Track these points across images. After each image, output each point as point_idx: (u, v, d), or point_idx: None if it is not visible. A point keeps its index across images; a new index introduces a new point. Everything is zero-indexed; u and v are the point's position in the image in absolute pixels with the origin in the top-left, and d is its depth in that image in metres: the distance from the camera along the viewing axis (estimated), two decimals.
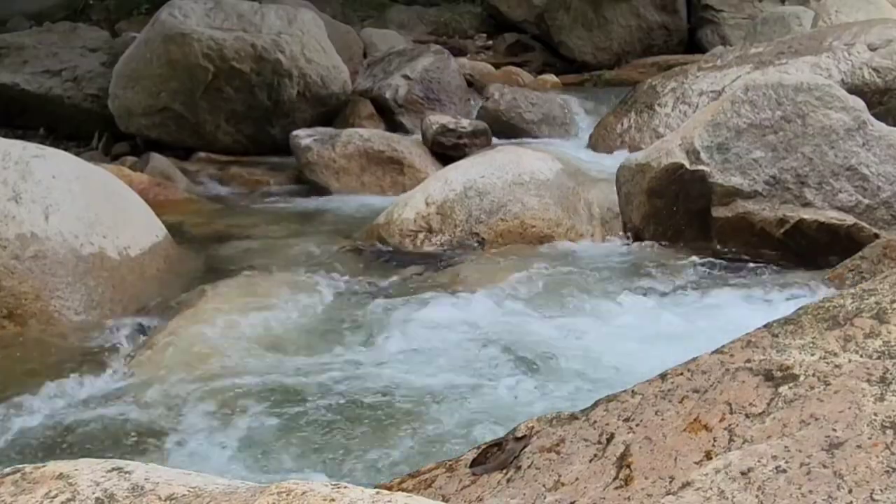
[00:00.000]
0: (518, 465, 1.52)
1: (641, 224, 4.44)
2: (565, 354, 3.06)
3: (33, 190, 3.69)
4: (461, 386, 2.86)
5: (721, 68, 6.51)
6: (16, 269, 3.49)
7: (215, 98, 6.77)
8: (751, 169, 4.13)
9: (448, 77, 7.61)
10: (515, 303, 3.62)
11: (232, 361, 3.13)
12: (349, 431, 2.63)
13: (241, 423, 2.70)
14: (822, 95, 4.16)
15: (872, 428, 1.29)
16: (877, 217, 4.00)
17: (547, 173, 4.74)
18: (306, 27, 6.94)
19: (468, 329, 3.35)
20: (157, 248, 4.09)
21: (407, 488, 1.60)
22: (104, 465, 1.23)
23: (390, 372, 3.00)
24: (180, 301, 3.66)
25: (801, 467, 1.26)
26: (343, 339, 3.32)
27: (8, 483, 1.23)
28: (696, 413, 1.44)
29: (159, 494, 1.16)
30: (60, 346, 3.34)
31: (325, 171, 6.06)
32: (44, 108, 7.51)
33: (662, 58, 9.49)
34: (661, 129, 6.18)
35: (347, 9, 11.13)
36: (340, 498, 1.04)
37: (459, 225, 4.53)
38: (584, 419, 1.56)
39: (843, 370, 1.41)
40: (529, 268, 4.01)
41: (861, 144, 4.07)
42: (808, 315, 1.59)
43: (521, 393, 2.80)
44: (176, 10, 6.68)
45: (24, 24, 10.03)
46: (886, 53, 6.02)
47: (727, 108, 4.26)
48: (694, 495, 1.27)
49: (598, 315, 3.45)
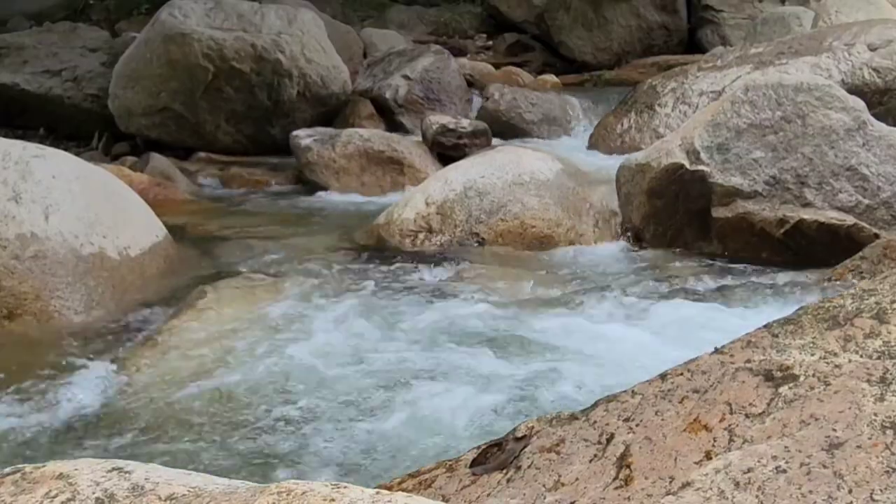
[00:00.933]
0: (518, 466, 1.52)
1: (641, 224, 4.44)
2: (565, 354, 3.06)
3: (33, 190, 3.69)
4: (460, 385, 2.86)
5: (721, 68, 6.51)
6: (16, 268, 3.49)
7: (215, 98, 6.77)
8: (751, 169, 4.13)
9: (448, 77, 7.62)
10: (515, 302, 3.62)
11: (232, 361, 3.13)
12: (348, 431, 2.63)
13: (240, 423, 2.70)
14: (823, 96, 4.16)
15: (872, 428, 1.29)
16: (877, 217, 4.00)
17: (547, 173, 4.74)
18: (306, 27, 6.94)
19: (467, 328, 3.35)
20: (157, 249, 4.09)
21: (407, 488, 1.60)
22: (104, 465, 1.24)
23: (391, 371, 3.00)
24: (180, 301, 3.66)
25: (801, 467, 1.26)
26: (342, 339, 3.32)
27: (8, 483, 1.23)
28: (696, 413, 1.44)
29: (159, 494, 1.16)
30: (60, 345, 3.34)
31: (325, 171, 6.06)
32: (44, 108, 7.51)
33: (662, 58, 9.49)
34: (661, 130, 6.18)
35: (347, 9, 11.13)
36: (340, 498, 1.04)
37: (459, 225, 4.53)
38: (584, 419, 1.56)
39: (843, 370, 1.41)
40: (529, 268, 4.02)
41: (861, 145, 4.07)
42: (808, 315, 1.59)
43: (521, 392, 2.80)
44: (176, 10, 6.68)
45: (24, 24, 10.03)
46: (886, 53, 6.02)
47: (727, 109, 4.26)
48: (694, 495, 1.27)
49: (598, 315, 3.45)
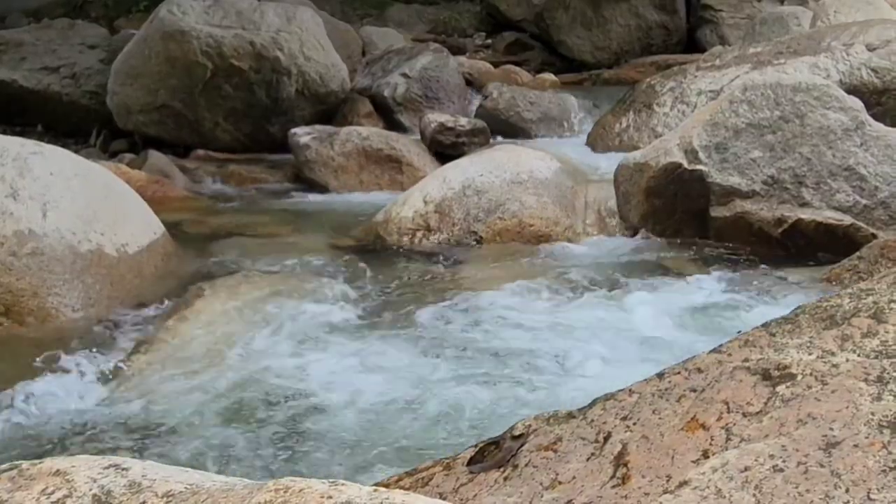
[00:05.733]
0: (515, 464, 1.52)
1: (640, 223, 4.44)
2: (563, 353, 3.06)
3: (31, 187, 3.68)
4: (459, 384, 2.86)
5: (720, 68, 6.51)
6: (13, 265, 3.48)
7: (214, 95, 6.76)
8: (749, 169, 4.13)
9: (447, 76, 7.61)
10: (512, 301, 3.62)
11: (229, 360, 3.13)
12: (348, 430, 2.63)
13: (237, 422, 2.70)
14: (821, 95, 4.16)
15: (870, 427, 1.29)
16: (874, 217, 4.01)
17: (545, 172, 4.74)
18: (305, 25, 6.93)
19: (465, 327, 3.35)
20: (156, 246, 4.09)
21: (404, 486, 1.59)
22: (101, 462, 1.23)
23: (389, 370, 3.00)
24: (178, 299, 3.65)
25: (798, 466, 1.26)
26: (341, 339, 3.32)
27: (5, 479, 1.23)
28: (693, 412, 1.44)
29: (157, 491, 1.15)
30: (58, 343, 3.33)
31: (324, 169, 6.06)
32: (42, 105, 7.50)
33: (661, 57, 9.49)
34: (659, 129, 6.17)
35: (346, 7, 11.12)
36: (338, 495, 1.04)
37: (457, 223, 4.53)
38: (581, 418, 1.56)
39: (841, 369, 1.41)
40: (527, 267, 4.02)
41: (859, 145, 4.07)
42: (806, 314, 1.59)
43: (519, 390, 2.80)
44: (175, 7, 6.66)
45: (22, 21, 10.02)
46: (885, 54, 6.02)
47: (725, 108, 4.26)
48: (691, 494, 1.27)
49: (595, 314, 3.45)
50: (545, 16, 10.39)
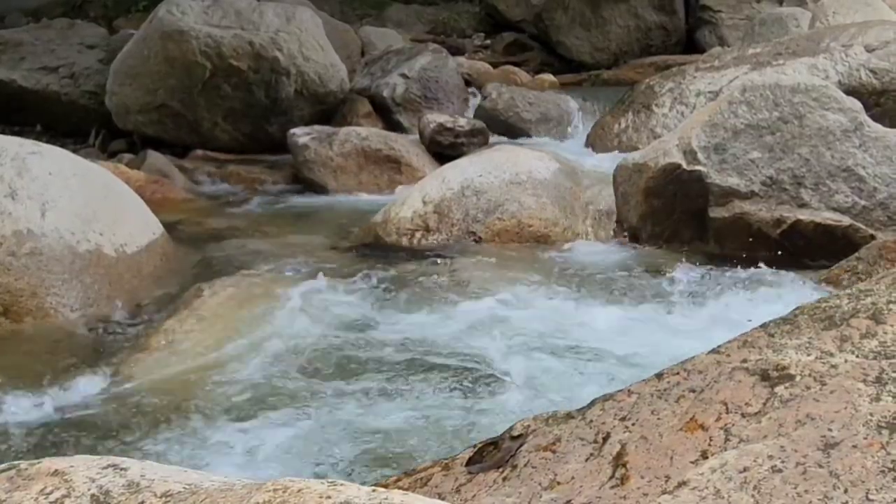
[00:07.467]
0: (514, 464, 1.52)
1: (639, 224, 4.44)
2: (561, 353, 3.06)
3: (30, 186, 3.68)
4: (458, 384, 2.86)
5: (719, 69, 6.51)
6: (12, 265, 3.48)
7: (213, 95, 6.76)
8: (748, 169, 4.14)
9: (446, 76, 7.61)
10: (511, 301, 3.62)
11: (227, 359, 3.13)
12: (347, 428, 2.63)
13: (236, 422, 2.70)
14: (819, 97, 4.16)
15: (868, 428, 1.29)
16: (873, 218, 4.01)
17: (544, 173, 4.74)
18: (304, 25, 6.93)
19: (464, 327, 3.35)
20: (154, 246, 4.09)
21: (403, 486, 1.59)
22: (100, 462, 1.23)
23: (386, 370, 3.00)
24: (177, 299, 3.65)
25: (796, 467, 1.26)
26: (340, 338, 3.32)
27: (3, 479, 1.22)
28: (692, 412, 1.44)
29: (155, 491, 1.15)
30: (56, 342, 3.33)
31: (323, 169, 6.06)
32: (41, 105, 7.49)
33: (660, 58, 9.50)
34: (658, 130, 6.18)
35: (346, 7, 11.13)
36: (336, 495, 1.04)
37: (456, 224, 4.53)
38: (580, 418, 1.56)
39: (840, 370, 1.41)
40: (526, 267, 4.01)
41: (858, 146, 4.07)
42: (805, 315, 1.59)
43: (518, 391, 2.80)
44: (174, 7, 6.66)
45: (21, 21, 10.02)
46: (884, 55, 6.02)
47: (724, 109, 4.26)
48: (690, 494, 1.27)
49: (594, 315, 3.45)
50: (544, 16, 10.39)
